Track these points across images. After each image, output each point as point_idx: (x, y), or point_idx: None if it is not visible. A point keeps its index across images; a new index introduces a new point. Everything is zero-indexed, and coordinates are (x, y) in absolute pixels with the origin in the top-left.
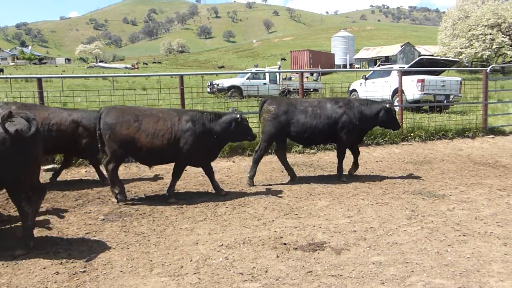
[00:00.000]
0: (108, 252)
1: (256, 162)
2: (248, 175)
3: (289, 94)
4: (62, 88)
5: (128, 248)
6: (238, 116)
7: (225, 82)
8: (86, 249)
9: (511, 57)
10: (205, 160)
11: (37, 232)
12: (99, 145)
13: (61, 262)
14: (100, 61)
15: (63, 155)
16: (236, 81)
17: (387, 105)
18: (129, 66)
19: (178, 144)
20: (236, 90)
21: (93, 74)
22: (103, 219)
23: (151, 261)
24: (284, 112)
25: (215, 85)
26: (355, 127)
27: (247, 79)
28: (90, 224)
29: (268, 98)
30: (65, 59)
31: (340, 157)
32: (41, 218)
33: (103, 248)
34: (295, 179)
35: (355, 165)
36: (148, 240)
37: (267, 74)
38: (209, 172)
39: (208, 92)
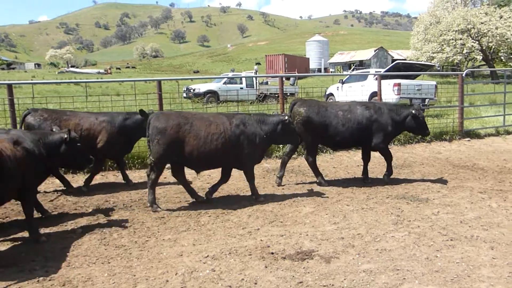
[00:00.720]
0: (88, 268)
1: (313, 167)
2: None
3: (266, 98)
4: (33, 95)
5: (109, 263)
6: (286, 118)
7: (202, 87)
8: (65, 265)
9: (480, 62)
10: (256, 162)
11: (12, 248)
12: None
13: (38, 280)
14: (72, 66)
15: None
16: (213, 86)
17: (414, 111)
18: (102, 71)
19: (231, 148)
20: (212, 95)
21: (65, 80)
22: (81, 232)
23: (134, 275)
24: (316, 114)
25: (191, 90)
26: (388, 133)
27: (223, 83)
28: (68, 237)
29: (298, 100)
30: (35, 64)
31: (389, 159)
32: (15, 232)
33: (82, 263)
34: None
35: (366, 171)
36: (129, 253)
37: (243, 79)
38: (250, 176)
39: (184, 97)
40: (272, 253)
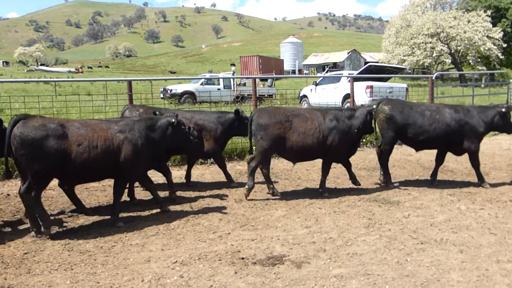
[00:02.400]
0: (50, 275)
1: (385, 165)
2: (381, 179)
3: (243, 100)
4: None
5: (72, 269)
6: (372, 108)
7: (179, 88)
8: (24, 272)
9: (449, 65)
10: (349, 155)
11: None
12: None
13: None
14: (42, 64)
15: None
16: (190, 86)
17: (503, 110)
18: (73, 70)
19: (326, 141)
20: (189, 96)
21: (34, 78)
22: (44, 237)
23: (98, 283)
24: (400, 112)
25: (169, 91)
26: (480, 134)
27: (201, 84)
28: (30, 242)
29: (384, 99)
30: (3, 62)
31: (476, 164)
32: None
33: (43, 270)
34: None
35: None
36: (94, 259)
37: (221, 80)
38: (348, 166)
39: (161, 98)
40: (243, 258)
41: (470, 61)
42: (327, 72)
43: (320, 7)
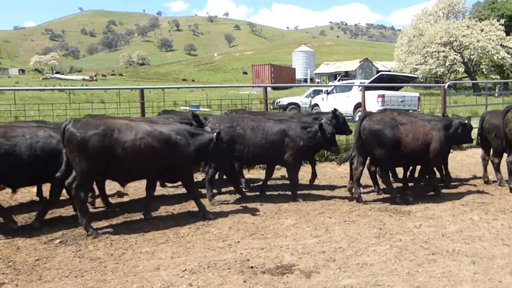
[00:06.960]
0: (60, 281)
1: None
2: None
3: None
4: (15, 101)
5: (83, 276)
6: None
7: (285, 100)
8: (36, 278)
9: (462, 74)
10: None
11: None
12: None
13: None
14: (57, 73)
15: None
16: (295, 99)
17: None
18: (87, 78)
19: None
20: (294, 107)
21: (48, 87)
22: (55, 243)
23: None
24: None
25: (277, 102)
26: None
27: (305, 97)
28: (41, 249)
29: (511, 108)
30: (19, 70)
31: None
32: None
33: (54, 277)
34: None
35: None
36: (104, 266)
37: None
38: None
39: (273, 108)
40: (252, 267)
41: (484, 70)
42: (338, 81)
43: (332, 16)
